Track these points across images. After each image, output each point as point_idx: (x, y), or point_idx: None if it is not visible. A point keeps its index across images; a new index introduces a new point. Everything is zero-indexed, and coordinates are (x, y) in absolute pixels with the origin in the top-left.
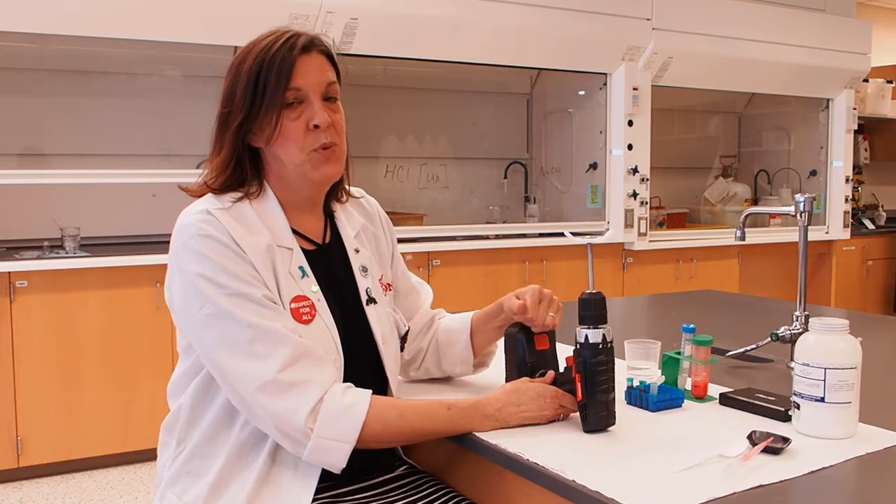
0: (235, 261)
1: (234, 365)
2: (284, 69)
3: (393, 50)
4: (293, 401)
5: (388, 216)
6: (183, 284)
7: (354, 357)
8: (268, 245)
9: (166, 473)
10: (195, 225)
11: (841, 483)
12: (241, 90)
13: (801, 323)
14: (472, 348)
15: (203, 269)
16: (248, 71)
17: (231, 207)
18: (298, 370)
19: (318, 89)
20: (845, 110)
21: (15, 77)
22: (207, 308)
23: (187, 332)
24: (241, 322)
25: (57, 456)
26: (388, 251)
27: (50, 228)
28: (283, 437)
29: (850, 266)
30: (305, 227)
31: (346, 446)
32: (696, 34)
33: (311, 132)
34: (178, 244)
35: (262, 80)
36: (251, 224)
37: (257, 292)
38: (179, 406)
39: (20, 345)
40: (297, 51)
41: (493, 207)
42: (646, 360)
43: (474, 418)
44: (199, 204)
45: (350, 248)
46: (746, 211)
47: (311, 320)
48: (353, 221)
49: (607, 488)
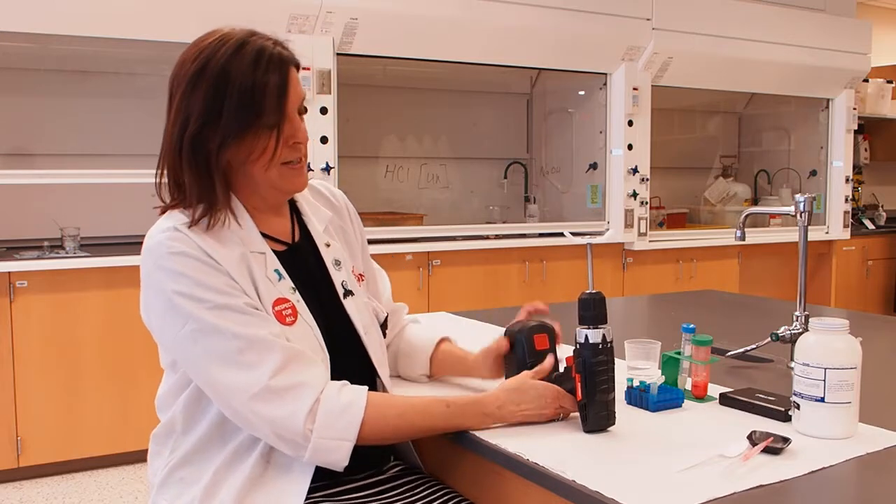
0: (211, 273)
1: (224, 377)
2: (281, 88)
3: (393, 50)
4: (289, 405)
5: (354, 207)
6: (161, 304)
7: (339, 352)
8: (241, 253)
9: (157, 480)
10: (164, 244)
11: (841, 483)
12: (229, 108)
13: (801, 323)
14: (430, 368)
15: (180, 287)
16: (239, 89)
17: (198, 221)
18: (290, 374)
19: (298, 104)
20: (845, 110)
21: (13, 77)
22: (190, 325)
23: (172, 351)
24: (227, 334)
25: (57, 456)
26: (358, 241)
27: (50, 228)
28: (283, 443)
29: (850, 266)
30: (274, 229)
31: (346, 444)
32: (696, 34)
33: (289, 148)
34: (150, 264)
35: (257, 99)
36: (220, 234)
37: (238, 301)
38: (171, 418)
39: (20, 345)
40: (286, 67)
41: (493, 207)
42: (646, 360)
43: (474, 416)
44: (165, 221)
45: (320, 243)
46: (746, 211)
47: (294, 321)
48: (321, 215)
49: (607, 488)
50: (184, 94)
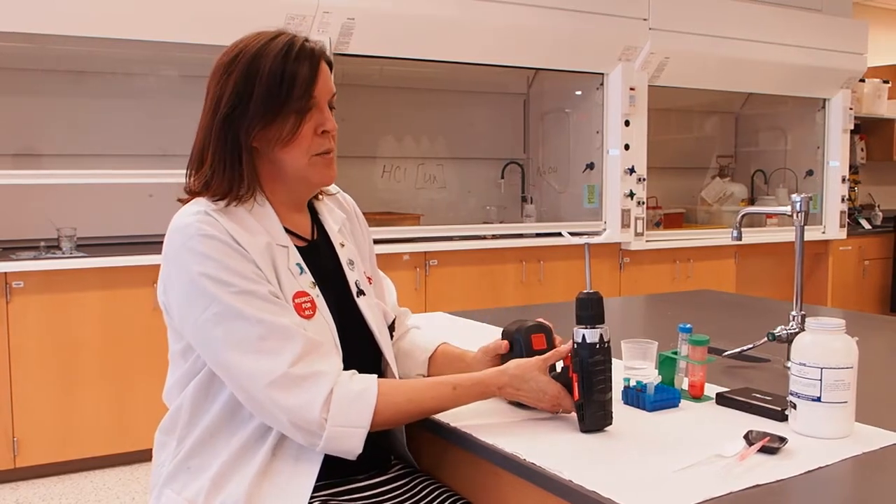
0: (238, 259)
1: (243, 363)
2: (310, 76)
3: (390, 50)
4: (306, 394)
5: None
6: (185, 285)
7: (352, 349)
8: (266, 243)
9: (164, 471)
10: (194, 225)
11: (837, 482)
12: (258, 92)
13: (797, 323)
14: (428, 368)
15: (206, 269)
16: (269, 74)
17: (225, 208)
18: (309, 363)
19: (328, 97)
20: (842, 110)
21: (11, 77)
22: (214, 307)
23: (190, 334)
24: (251, 319)
25: (53, 457)
26: (366, 244)
27: (46, 229)
28: (298, 431)
29: (846, 266)
30: (295, 225)
31: (361, 431)
32: (692, 34)
33: (318, 137)
34: (177, 245)
35: (286, 85)
36: (247, 224)
37: (263, 289)
38: (179, 407)
39: (17, 345)
40: (317, 59)
41: (490, 207)
42: (643, 360)
43: (478, 395)
44: (194, 205)
45: (336, 242)
46: (743, 211)
47: (312, 315)
48: (335, 216)
49: (604, 488)
50: (218, 80)
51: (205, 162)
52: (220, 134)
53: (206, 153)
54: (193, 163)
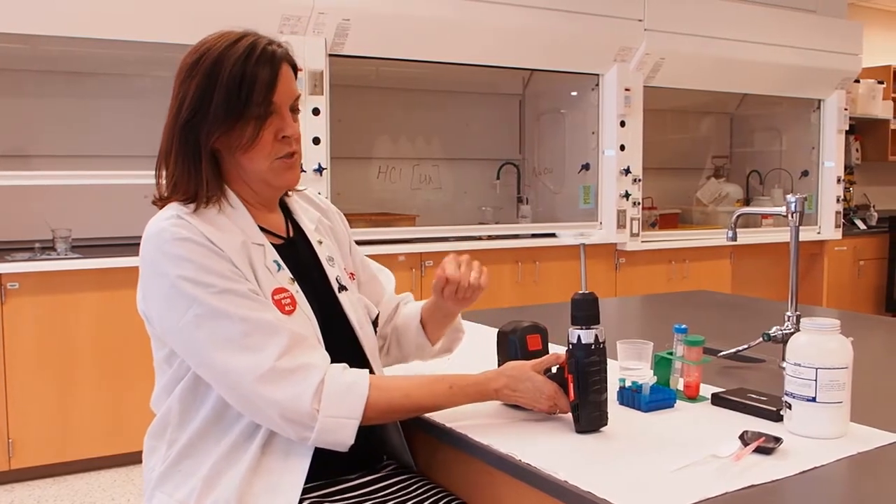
0: (215, 259)
1: (229, 361)
2: (269, 81)
3: (385, 51)
4: (296, 386)
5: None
6: (164, 290)
7: (334, 344)
8: (242, 242)
9: (155, 475)
10: (169, 230)
11: (832, 482)
12: (218, 97)
13: (792, 323)
14: (426, 335)
15: (184, 272)
16: (228, 78)
17: (197, 211)
18: (296, 356)
19: (289, 101)
20: (837, 111)
21: (6, 78)
22: (195, 309)
23: (172, 339)
24: (233, 317)
25: (48, 458)
26: (346, 241)
27: (41, 230)
28: (289, 425)
29: (841, 266)
30: (270, 224)
31: (352, 422)
32: (687, 35)
33: (279, 142)
34: (153, 250)
35: (245, 90)
36: (221, 224)
37: (242, 287)
38: (167, 412)
39: (11, 347)
40: (278, 62)
41: (486, 208)
42: (638, 361)
43: (475, 395)
44: (166, 210)
45: (313, 240)
46: (738, 211)
47: (293, 311)
48: (310, 215)
49: (599, 489)
50: (182, 82)
51: (169, 165)
52: (182, 137)
53: (170, 156)
54: (159, 165)
